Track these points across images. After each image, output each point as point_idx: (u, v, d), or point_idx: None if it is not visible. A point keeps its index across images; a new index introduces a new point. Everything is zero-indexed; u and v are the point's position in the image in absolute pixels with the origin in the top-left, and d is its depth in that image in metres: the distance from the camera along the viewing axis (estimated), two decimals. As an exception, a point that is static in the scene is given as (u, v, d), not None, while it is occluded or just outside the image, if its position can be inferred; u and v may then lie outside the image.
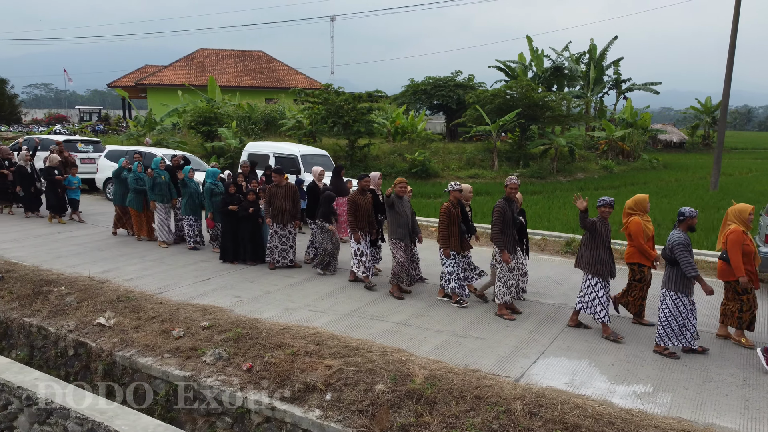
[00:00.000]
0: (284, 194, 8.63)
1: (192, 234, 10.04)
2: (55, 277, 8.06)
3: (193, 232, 10.04)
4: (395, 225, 7.52)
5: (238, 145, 21.21)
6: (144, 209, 10.38)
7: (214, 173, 9.76)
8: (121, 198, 10.63)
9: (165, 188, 10.11)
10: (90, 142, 17.29)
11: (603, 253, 6.30)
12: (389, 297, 7.62)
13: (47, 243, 10.28)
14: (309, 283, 8.19)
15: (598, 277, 6.28)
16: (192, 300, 7.30)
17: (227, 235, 9.07)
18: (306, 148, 13.13)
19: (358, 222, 7.88)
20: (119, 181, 10.59)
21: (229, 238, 9.06)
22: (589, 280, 6.36)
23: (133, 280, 8.10)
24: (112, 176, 10.77)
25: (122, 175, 10.53)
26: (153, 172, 9.97)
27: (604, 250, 6.31)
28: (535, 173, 23.84)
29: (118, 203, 10.73)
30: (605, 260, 6.29)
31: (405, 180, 7.73)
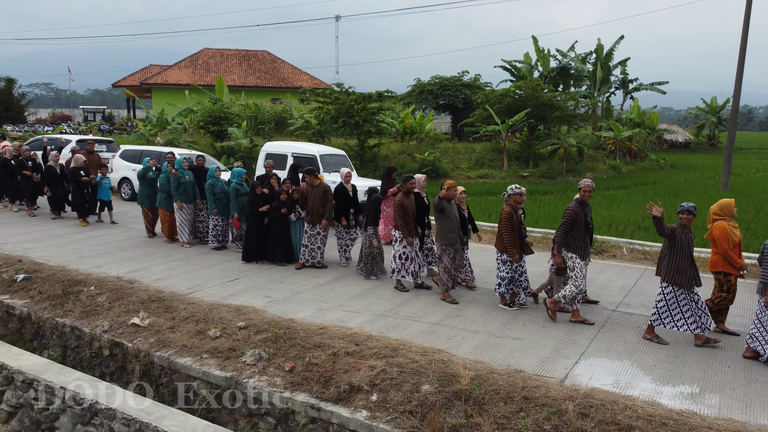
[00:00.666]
0: (315, 195, 8.61)
1: (215, 234, 10.01)
2: (84, 277, 8.04)
3: (217, 232, 10.02)
4: (445, 230, 7.28)
5: (248, 144, 21.19)
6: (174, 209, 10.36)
7: (240, 173, 9.70)
8: (147, 199, 10.56)
9: (189, 188, 10.09)
10: (103, 141, 17.27)
11: (683, 261, 6.02)
12: (420, 297, 7.61)
13: (69, 243, 10.26)
14: (338, 284, 8.18)
15: (674, 285, 6.05)
16: (223, 300, 7.29)
17: (252, 235, 9.04)
18: (324, 148, 13.11)
19: (407, 225, 7.70)
20: (145, 181, 10.51)
21: (254, 239, 9.03)
22: (662, 288, 6.16)
23: (161, 281, 8.09)
24: (138, 177, 10.67)
25: (148, 175, 10.47)
26: (177, 172, 9.92)
27: (684, 258, 6.03)
28: (545, 173, 23.84)
29: (145, 204, 10.66)
30: (685, 269, 6.02)
31: (455, 183, 7.53)
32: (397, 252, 7.77)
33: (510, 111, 25.16)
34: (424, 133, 28.14)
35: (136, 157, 15.10)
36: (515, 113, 24.72)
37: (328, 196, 8.72)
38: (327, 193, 8.73)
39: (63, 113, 52.23)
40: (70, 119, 47.04)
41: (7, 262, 8.79)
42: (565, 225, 6.61)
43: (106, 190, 12.08)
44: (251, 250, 9.11)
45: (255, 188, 8.95)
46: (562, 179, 23.99)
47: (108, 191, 12.16)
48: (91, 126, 34.81)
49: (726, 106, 41.19)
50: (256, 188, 8.94)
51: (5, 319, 7.65)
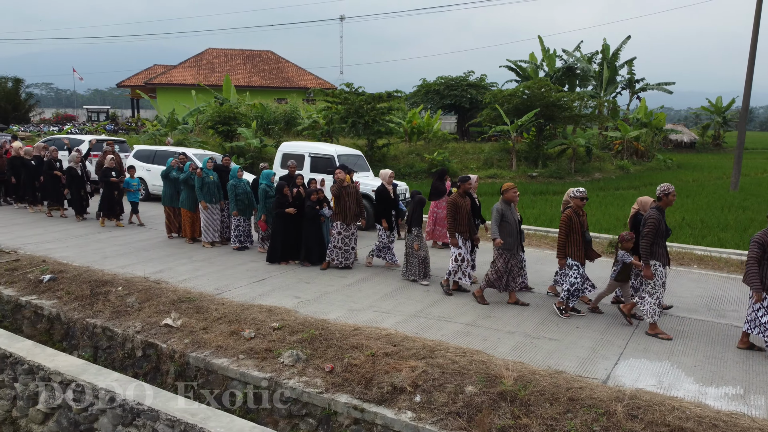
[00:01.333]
0: (348, 194, 8.58)
1: (238, 234, 9.97)
2: (110, 277, 8.03)
3: (239, 233, 9.98)
4: (504, 234, 7.10)
5: (258, 144, 21.18)
6: (196, 209, 10.35)
7: (268, 175, 9.63)
8: (170, 199, 10.53)
9: (214, 188, 10.05)
10: (116, 142, 17.23)
11: None
12: (450, 298, 7.60)
13: (90, 243, 10.24)
14: (365, 284, 8.16)
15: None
16: (253, 301, 7.27)
17: (278, 236, 9.02)
18: (341, 148, 13.09)
19: (458, 226, 7.52)
20: (169, 181, 10.48)
21: (280, 240, 9.01)
22: None
23: (187, 281, 8.07)
24: (161, 176, 10.63)
25: (171, 175, 10.43)
26: (202, 172, 9.89)
27: None
28: (554, 173, 23.83)
29: (168, 204, 10.64)
30: None
31: (514, 184, 7.37)
32: (455, 253, 7.57)
33: (518, 111, 25.16)
34: (431, 133, 28.13)
35: (149, 157, 15.08)
36: (523, 113, 24.71)
37: (359, 196, 8.71)
38: (359, 194, 8.71)
39: (67, 113, 52.17)
40: (74, 119, 47.01)
41: (31, 262, 8.77)
42: (649, 235, 6.21)
43: (134, 191, 11.99)
44: (277, 251, 9.08)
45: (282, 189, 8.91)
46: (570, 179, 23.99)
47: (137, 192, 12.07)
48: (99, 126, 34.74)
49: (731, 106, 41.24)
50: (283, 189, 8.90)
51: (33, 319, 7.63)
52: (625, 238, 6.81)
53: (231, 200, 9.77)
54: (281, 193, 8.91)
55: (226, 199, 10.25)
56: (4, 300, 7.93)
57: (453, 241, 7.51)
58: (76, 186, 12.08)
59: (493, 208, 7.20)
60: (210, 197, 10.02)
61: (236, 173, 9.76)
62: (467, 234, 7.60)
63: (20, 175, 13.09)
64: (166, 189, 10.55)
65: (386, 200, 8.83)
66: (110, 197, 11.69)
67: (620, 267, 6.82)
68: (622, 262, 6.78)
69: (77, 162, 12.06)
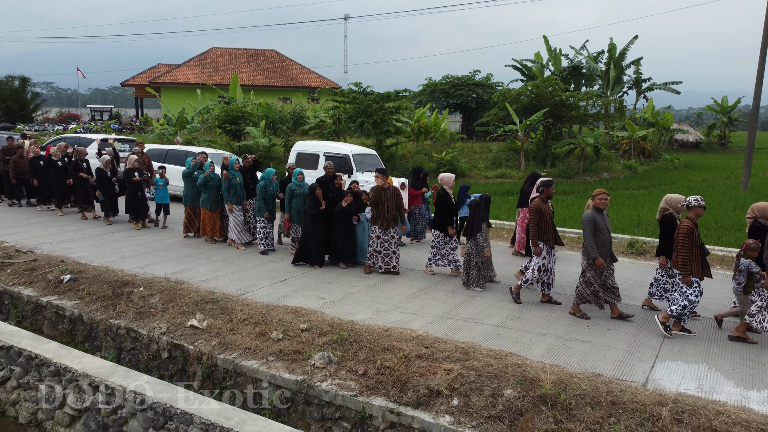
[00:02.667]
0: (387, 197, 8.37)
1: (263, 236, 9.81)
2: (131, 278, 7.95)
3: (264, 234, 9.81)
4: (597, 244, 6.66)
5: (267, 144, 21.11)
6: (216, 209, 10.20)
7: (298, 174, 9.46)
8: (192, 198, 10.41)
9: (240, 190, 9.87)
10: (126, 140, 17.17)
11: None
12: (476, 299, 7.52)
13: (107, 243, 10.16)
14: (389, 284, 8.08)
15: None
16: (277, 302, 7.19)
17: (309, 239, 8.80)
18: (356, 147, 13.01)
19: (542, 234, 7.16)
20: (191, 181, 10.32)
21: (312, 243, 8.78)
22: None
23: (209, 282, 7.99)
24: (183, 176, 10.44)
25: (194, 174, 10.28)
26: (228, 173, 9.73)
27: None
28: (562, 173, 23.73)
29: (189, 203, 10.51)
30: None
31: (605, 190, 6.91)
32: (537, 263, 7.15)
33: (526, 110, 25.09)
34: (439, 133, 28.06)
35: (161, 157, 14.98)
36: (531, 112, 24.64)
37: (400, 200, 8.51)
38: (399, 197, 8.51)
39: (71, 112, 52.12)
40: (78, 118, 46.96)
41: (49, 262, 8.70)
42: None
43: (163, 192, 11.52)
44: (307, 253, 8.86)
45: (314, 190, 8.66)
46: (579, 179, 23.90)
47: (166, 193, 11.58)
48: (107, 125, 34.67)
49: (737, 105, 41.14)
50: (315, 190, 8.67)
51: (54, 320, 7.56)
52: (750, 247, 6.26)
53: (259, 201, 9.51)
54: (313, 194, 8.68)
55: (248, 199, 10.12)
56: (25, 301, 7.86)
57: (537, 250, 7.12)
58: (105, 188, 11.74)
59: (583, 219, 6.75)
60: (237, 199, 9.84)
61: (271, 176, 9.58)
62: (552, 242, 7.23)
63: (43, 175, 12.74)
64: (188, 189, 10.39)
65: (448, 205, 8.37)
66: (134, 198, 11.37)
67: (745, 277, 6.39)
68: (748, 272, 6.37)
69: (106, 165, 11.73)
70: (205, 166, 10.16)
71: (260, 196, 9.48)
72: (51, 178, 12.58)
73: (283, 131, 23.05)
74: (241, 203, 9.97)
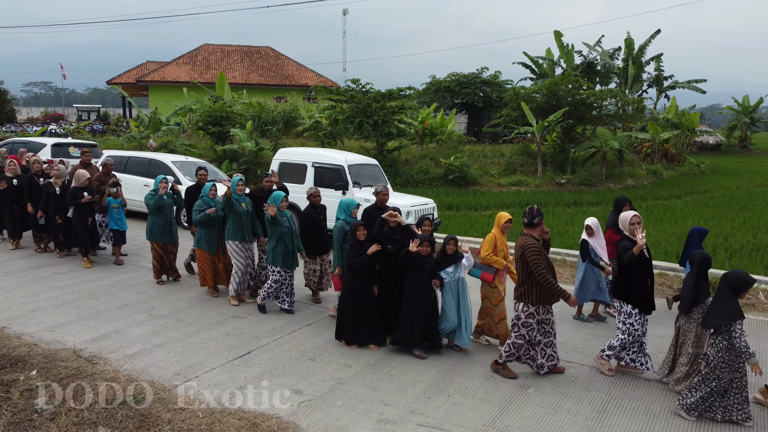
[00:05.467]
0: None
1: (273, 289, 6.88)
2: (26, 350, 5.52)
3: (275, 288, 6.88)
4: None
5: (254, 148, 18.67)
6: (218, 250, 7.43)
7: (350, 205, 6.50)
8: (160, 232, 7.82)
9: (246, 221, 7.16)
10: (85, 145, 14.69)
11: None
12: (527, 389, 5.07)
13: (24, 284, 7.72)
14: (395, 363, 5.61)
15: None
16: (231, 398, 4.76)
17: (349, 306, 5.98)
18: (352, 156, 10.54)
19: None
20: (158, 210, 7.83)
21: (351, 310, 5.95)
22: None
23: (138, 356, 5.56)
24: (146, 202, 7.81)
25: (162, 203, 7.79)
26: (232, 200, 7.04)
27: None
28: (584, 180, 21.29)
29: (158, 239, 7.85)
30: None
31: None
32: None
33: (541, 110, 22.65)
34: (445, 135, 25.62)
35: (121, 165, 12.48)
36: (547, 113, 22.20)
37: None
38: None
39: (56, 112, 49.71)
40: (62, 118, 44.53)
41: (-76, 321, 6.27)
42: None
43: (118, 215, 8.87)
44: (344, 327, 6.03)
45: (356, 230, 5.97)
46: (602, 186, 21.45)
47: (121, 217, 8.94)
48: (80, 126, 32.20)
49: (759, 105, 38.76)
50: (357, 230, 5.95)
51: None
52: None
53: (272, 240, 6.79)
54: (354, 236, 5.99)
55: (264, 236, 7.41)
56: None
57: None
58: (53, 208, 8.95)
59: None
60: (242, 234, 7.12)
61: (279, 200, 6.74)
62: None
63: None
64: (156, 219, 7.81)
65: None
66: (85, 225, 8.72)
67: None
68: None
69: (57, 177, 9.03)
70: (205, 189, 7.40)
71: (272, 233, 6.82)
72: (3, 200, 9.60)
73: (273, 133, 20.59)
74: (250, 240, 7.30)
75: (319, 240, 7.17)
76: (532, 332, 5.13)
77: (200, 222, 7.20)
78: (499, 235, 5.83)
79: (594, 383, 5.21)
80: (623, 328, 5.17)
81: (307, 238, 7.08)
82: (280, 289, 6.90)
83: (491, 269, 5.78)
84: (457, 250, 5.78)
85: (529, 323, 5.10)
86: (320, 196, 7.24)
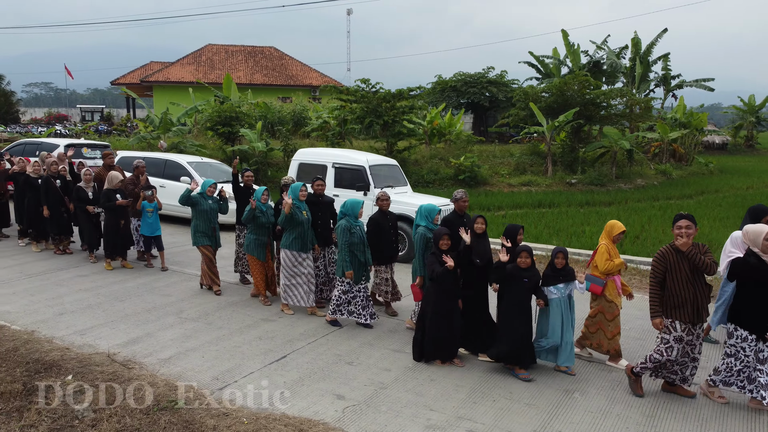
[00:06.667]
0: None
1: (340, 302, 6.45)
2: (59, 355, 5.44)
3: (343, 300, 6.43)
4: None
5: (264, 148, 18.57)
6: (268, 257, 7.22)
7: (431, 212, 6.13)
8: (206, 236, 7.57)
9: (309, 230, 6.80)
10: (98, 146, 14.62)
11: None
12: (575, 397, 4.98)
13: (47, 287, 7.64)
14: (434, 366, 5.50)
15: None
16: (272, 404, 4.67)
17: (435, 325, 5.44)
18: (373, 156, 10.44)
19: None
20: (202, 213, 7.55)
21: (434, 329, 5.46)
22: None
23: (173, 360, 5.47)
24: (188, 203, 7.45)
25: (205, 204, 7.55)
26: (291, 208, 6.56)
27: None
28: (594, 180, 21.20)
29: (204, 243, 7.56)
30: None
31: None
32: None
33: (550, 110, 22.55)
34: (454, 135, 25.53)
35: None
36: (556, 112, 22.11)
37: None
38: None
39: (59, 113, 49.62)
40: (66, 119, 44.45)
41: (-48, 325, 6.18)
42: None
43: (152, 220, 8.67)
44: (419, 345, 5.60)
45: (440, 239, 5.48)
46: (613, 186, 21.36)
47: (156, 222, 8.74)
48: (87, 127, 32.12)
49: (766, 104, 38.62)
50: (441, 239, 5.49)
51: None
52: None
53: (342, 251, 6.30)
54: (437, 245, 5.49)
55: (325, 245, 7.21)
56: None
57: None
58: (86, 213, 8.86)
59: None
60: (302, 243, 6.71)
61: (351, 209, 6.36)
62: None
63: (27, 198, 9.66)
64: (200, 225, 7.52)
65: None
66: (115, 229, 8.55)
67: None
68: None
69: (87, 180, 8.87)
70: (257, 193, 7.20)
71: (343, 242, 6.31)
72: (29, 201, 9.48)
73: (283, 134, 20.50)
74: (308, 250, 6.81)
75: (387, 247, 6.71)
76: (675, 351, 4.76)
77: (249, 223, 6.96)
78: (611, 246, 5.50)
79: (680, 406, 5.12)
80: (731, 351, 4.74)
81: (375, 245, 6.61)
82: (352, 302, 6.44)
83: (600, 281, 5.44)
84: (567, 264, 5.42)
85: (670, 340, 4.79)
86: (389, 200, 6.85)
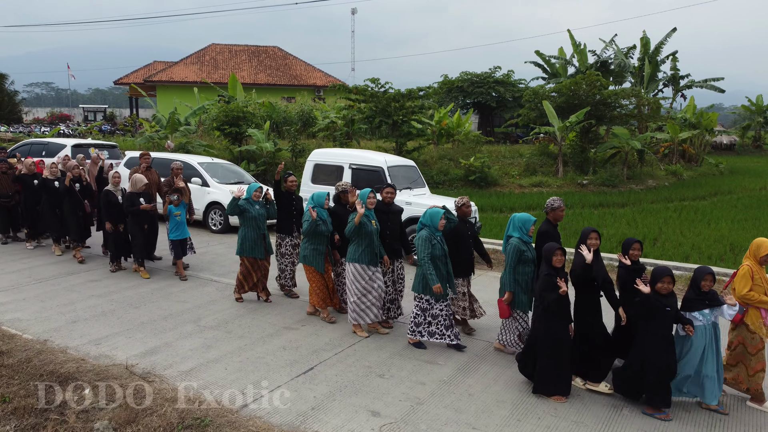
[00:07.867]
0: None
1: (419, 321, 5.86)
2: (74, 366, 5.15)
3: (424, 319, 5.83)
4: None
5: (272, 148, 18.29)
6: (328, 267, 6.73)
7: (526, 222, 5.58)
8: (254, 246, 7.08)
9: (377, 241, 6.15)
10: (105, 146, 14.35)
11: None
12: (622, 410, 4.69)
13: (58, 292, 7.36)
14: (470, 380, 5.22)
15: None
16: (303, 421, 4.39)
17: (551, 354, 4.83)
18: (391, 157, 10.17)
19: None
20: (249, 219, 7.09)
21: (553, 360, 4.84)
22: None
23: (194, 373, 5.19)
24: (232, 212, 6.99)
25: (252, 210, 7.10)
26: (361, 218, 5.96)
27: None
28: (606, 181, 20.90)
29: (247, 254, 7.09)
30: None
31: None
32: None
33: (561, 110, 22.28)
34: (462, 135, 25.24)
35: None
36: (567, 112, 21.83)
37: None
38: None
39: (62, 113, 49.40)
40: (69, 119, 44.22)
41: (-40, 333, 5.90)
42: None
43: (180, 223, 8.25)
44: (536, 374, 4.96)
45: (552, 254, 4.88)
46: (624, 187, 21.06)
47: (183, 225, 8.34)
48: (92, 127, 31.86)
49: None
50: (554, 255, 4.87)
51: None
52: None
53: (424, 264, 5.66)
54: (550, 263, 4.88)
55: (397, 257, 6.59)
56: None
57: None
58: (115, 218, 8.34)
59: None
60: (370, 255, 6.06)
61: (432, 219, 5.76)
62: None
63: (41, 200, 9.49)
64: (248, 233, 7.04)
65: None
66: (142, 234, 8.20)
67: None
68: None
69: (116, 184, 8.43)
70: (319, 198, 6.62)
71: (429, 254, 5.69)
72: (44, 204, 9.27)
73: (290, 134, 20.22)
74: (377, 263, 6.19)
75: (466, 258, 6.14)
76: None
77: (308, 234, 6.45)
78: (756, 268, 4.87)
79: (693, 404, 4.84)
80: None
81: (453, 256, 5.98)
82: (433, 322, 5.83)
83: (740, 308, 4.82)
84: (713, 288, 4.77)
85: None
86: (472, 207, 6.34)
